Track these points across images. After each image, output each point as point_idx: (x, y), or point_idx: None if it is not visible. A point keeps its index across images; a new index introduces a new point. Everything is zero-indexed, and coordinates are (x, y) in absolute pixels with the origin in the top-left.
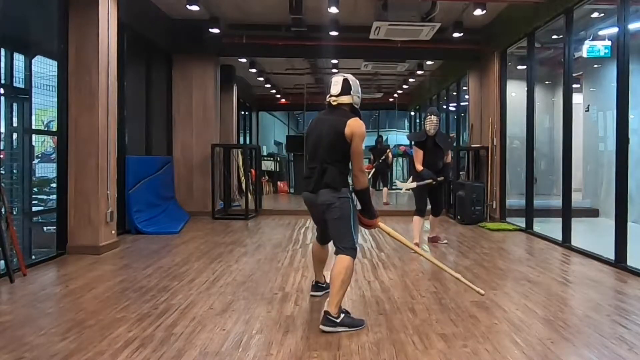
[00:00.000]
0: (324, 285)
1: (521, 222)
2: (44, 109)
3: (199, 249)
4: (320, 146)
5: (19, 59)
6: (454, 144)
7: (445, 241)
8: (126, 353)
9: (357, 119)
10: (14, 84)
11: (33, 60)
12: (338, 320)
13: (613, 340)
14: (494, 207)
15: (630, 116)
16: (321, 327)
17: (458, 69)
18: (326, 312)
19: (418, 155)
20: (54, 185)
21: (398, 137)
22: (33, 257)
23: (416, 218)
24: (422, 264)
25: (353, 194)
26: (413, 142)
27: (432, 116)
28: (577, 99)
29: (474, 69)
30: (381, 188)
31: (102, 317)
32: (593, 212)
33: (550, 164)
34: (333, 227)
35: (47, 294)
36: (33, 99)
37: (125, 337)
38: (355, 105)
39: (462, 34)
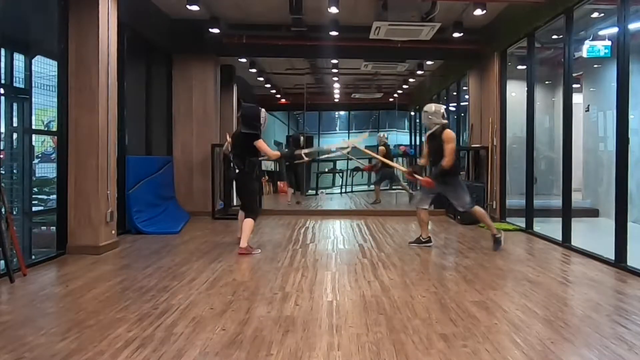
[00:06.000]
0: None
1: (521, 222)
2: (44, 109)
3: (199, 249)
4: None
5: (19, 59)
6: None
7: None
8: (126, 353)
9: None
10: (14, 84)
11: (33, 60)
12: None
13: (613, 340)
14: (494, 207)
15: (630, 116)
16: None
17: (458, 69)
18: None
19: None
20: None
21: (398, 137)
22: (33, 257)
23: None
24: (422, 264)
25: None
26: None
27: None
28: (577, 99)
29: (474, 69)
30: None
31: (102, 317)
32: (593, 212)
33: (550, 164)
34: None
35: (47, 294)
36: (33, 99)
37: (125, 337)
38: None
39: (462, 34)
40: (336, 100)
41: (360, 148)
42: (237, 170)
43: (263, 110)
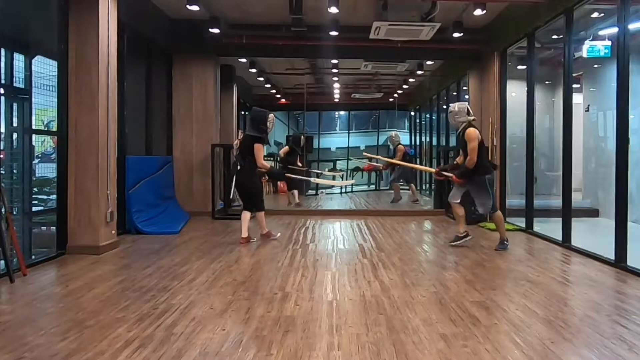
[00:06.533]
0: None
1: (521, 222)
2: (44, 109)
3: (199, 249)
4: None
5: (19, 59)
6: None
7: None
8: (126, 353)
9: None
10: (14, 84)
11: (33, 60)
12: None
13: (613, 340)
14: None
15: (630, 116)
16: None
17: (458, 69)
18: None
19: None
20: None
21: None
22: (33, 257)
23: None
24: (422, 264)
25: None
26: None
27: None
28: (577, 99)
29: (474, 69)
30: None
31: (102, 317)
32: (593, 212)
33: (550, 164)
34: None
35: (47, 294)
36: (33, 99)
37: (125, 337)
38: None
39: (462, 34)
40: (336, 100)
41: (378, 158)
42: (238, 167)
43: (271, 115)
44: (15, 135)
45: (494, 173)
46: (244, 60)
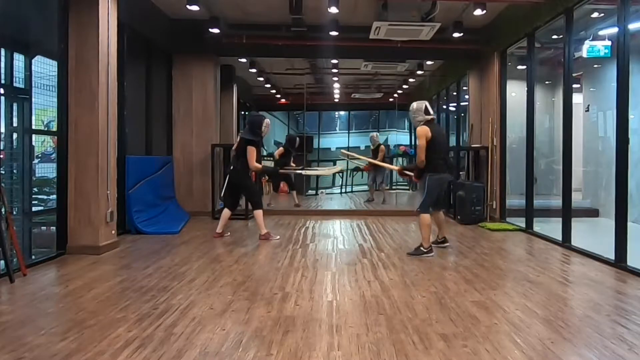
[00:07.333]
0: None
1: (521, 222)
2: (44, 109)
3: (199, 249)
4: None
5: (19, 59)
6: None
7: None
8: (126, 353)
9: None
10: (14, 84)
11: (33, 60)
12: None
13: (613, 340)
14: (494, 207)
15: (630, 116)
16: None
17: (458, 69)
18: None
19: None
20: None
21: (398, 137)
22: (33, 257)
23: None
24: (422, 264)
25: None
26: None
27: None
28: (577, 99)
29: (474, 69)
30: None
31: (102, 317)
32: (593, 212)
33: (550, 164)
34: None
35: (47, 294)
36: (33, 99)
37: (125, 337)
38: None
39: (462, 34)
40: (336, 100)
41: (358, 157)
42: (231, 167)
43: (267, 120)
44: (15, 135)
45: (446, 176)
46: (244, 60)
